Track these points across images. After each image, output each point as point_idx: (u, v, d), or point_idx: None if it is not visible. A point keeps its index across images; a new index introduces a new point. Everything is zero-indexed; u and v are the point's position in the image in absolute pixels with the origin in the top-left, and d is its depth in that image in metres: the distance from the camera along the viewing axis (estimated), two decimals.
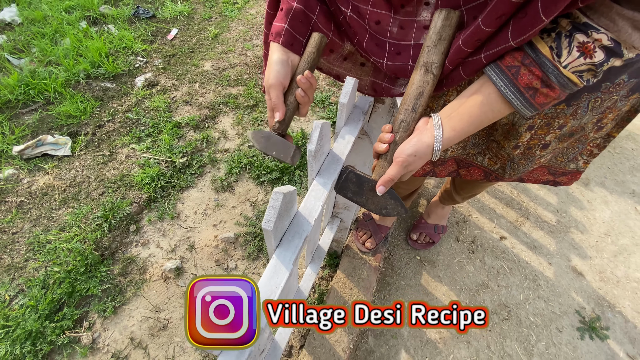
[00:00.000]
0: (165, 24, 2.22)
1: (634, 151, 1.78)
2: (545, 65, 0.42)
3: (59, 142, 1.50)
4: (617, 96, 0.56)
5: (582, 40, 0.40)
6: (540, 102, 0.45)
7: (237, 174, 1.49)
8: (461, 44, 0.47)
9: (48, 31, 2.03)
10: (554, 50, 0.42)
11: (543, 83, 0.44)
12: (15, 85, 1.67)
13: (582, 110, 0.58)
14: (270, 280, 0.44)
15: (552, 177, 0.81)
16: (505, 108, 0.47)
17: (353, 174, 0.56)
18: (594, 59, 0.41)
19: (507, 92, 0.45)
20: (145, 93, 1.77)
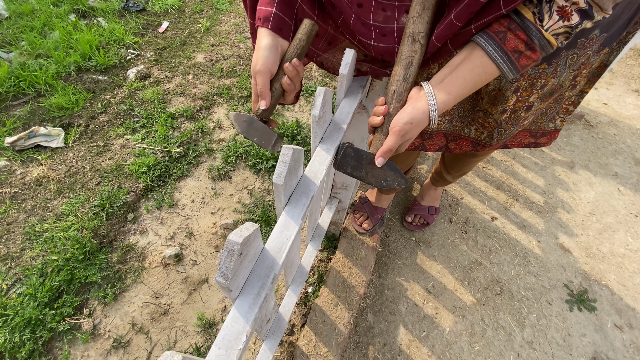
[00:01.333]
0: (155, 17, 2.21)
1: (615, 136, 1.85)
2: (529, 29, 0.46)
3: (52, 133, 1.48)
4: (591, 51, 0.60)
5: (561, 4, 0.44)
6: (523, 64, 0.48)
7: (233, 162, 1.50)
8: (454, 18, 0.49)
9: (36, 24, 2.00)
10: (537, 15, 0.45)
11: (527, 46, 0.47)
12: (4, 78, 1.64)
13: (561, 67, 0.62)
14: (281, 234, 0.46)
15: (534, 139, 0.84)
16: (496, 70, 0.49)
17: (351, 149, 0.56)
18: (571, 22, 0.44)
19: (495, 57, 0.48)
20: (138, 85, 1.76)
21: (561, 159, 1.68)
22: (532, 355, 1.07)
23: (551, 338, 1.11)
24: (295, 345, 0.97)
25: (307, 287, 1.15)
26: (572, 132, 1.84)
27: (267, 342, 0.76)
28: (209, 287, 1.17)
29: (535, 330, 1.12)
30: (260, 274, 0.41)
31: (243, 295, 0.39)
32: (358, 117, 0.73)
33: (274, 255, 0.43)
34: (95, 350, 1.03)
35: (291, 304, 0.80)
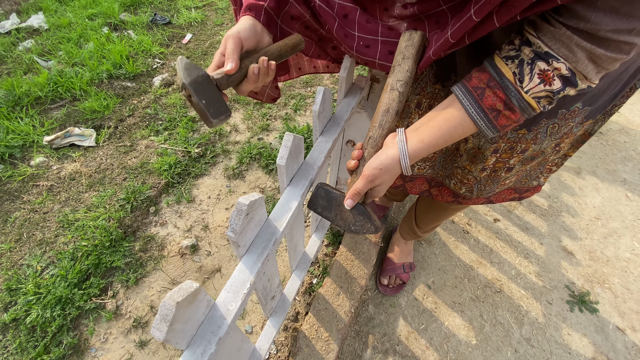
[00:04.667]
0: (180, 30, 2.38)
1: (626, 143, 1.85)
2: (508, 89, 0.44)
3: (85, 133, 1.63)
4: (573, 123, 0.60)
5: (543, 67, 0.42)
6: (502, 124, 0.47)
7: (247, 163, 1.60)
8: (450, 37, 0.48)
9: (73, 36, 2.20)
10: (517, 75, 0.44)
11: (505, 106, 0.45)
12: (44, 84, 1.82)
13: (542, 135, 0.61)
14: (282, 208, 0.54)
15: (518, 194, 0.84)
16: (472, 126, 0.48)
17: (322, 190, 0.56)
18: (552, 87, 0.43)
19: (472, 112, 0.47)
20: (162, 91, 1.91)
21: (568, 165, 1.69)
22: (530, 352, 1.10)
23: (550, 336, 1.13)
24: (299, 330, 1.04)
25: (312, 278, 1.22)
26: None
27: (272, 319, 0.83)
28: (222, 276, 1.25)
29: (534, 328, 1.14)
30: (264, 238, 0.49)
31: (249, 253, 0.47)
32: (357, 116, 0.81)
33: (276, 224, 0.51)
34: (117, 329, 1.12)
35: (295, 287, 0.87)
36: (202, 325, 0.40)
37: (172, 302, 0.32)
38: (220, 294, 0.44)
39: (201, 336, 0.39)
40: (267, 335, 0.81)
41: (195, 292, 0.35)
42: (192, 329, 0.38)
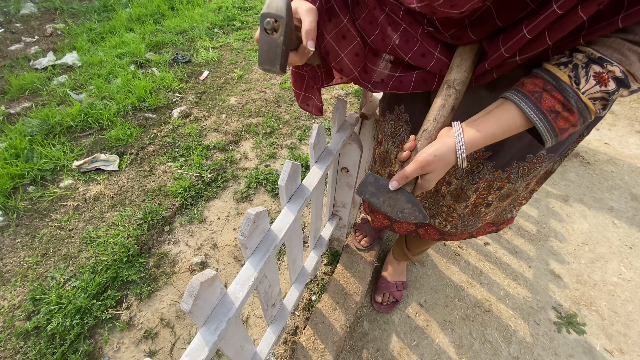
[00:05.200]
0: (198, 67, 2.63)
1: (613, 173, 1.95)
2: (565, 91, 0.45)
3: (110, 159, 1.80)
4: (541, 167, 0.68)
5: (597, 70, 0.44)
6: (561, 126, 0.47)
7: (254, 187, 1.74)
8: (504, 52, 0.49)
9: (103, 72, 2.46)
10: (573, 78, 0.45)
11: (564, 107, 0.45)
12: (76, 114, 2.03)
13: (514, 175, 0.68)
14: (282, 220, 0.66)
15: (495, 227, 0.93)
16: (526, 124, 0.49)
17: (372, 177, 0.57)
18: (608, 87, 0.44)
19: (531, 114, 0.46)
20: (180, 122, 2.10)
21: (556, 193, 1.79)
22: None
23: (537, 355, 1.18)
24: (297, 342, 1.11)
25: (311, 295, 1.31)
26: (568, 168, 1.96)
27: (272, 326, 0.92)
28: None
29: (521, 347, 1.19)
30: (266, 243, 0.61)
31: (254, 255, 0.59)
32: (349, 147, 0.95)
33: (277, 233, 0.63)
34: (129, 339, 1.21)
35: (294, 298, 0.97)
36: (215, 308, 0.51)
37: (197, 282, 0.44)
38: (230, 286, 0.55)
39: (214, 316, 0.50)
40: (267, 341, 0.90)
41: (214, 277, 0.47)
42: (209, 310, 0.49)
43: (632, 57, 0.42)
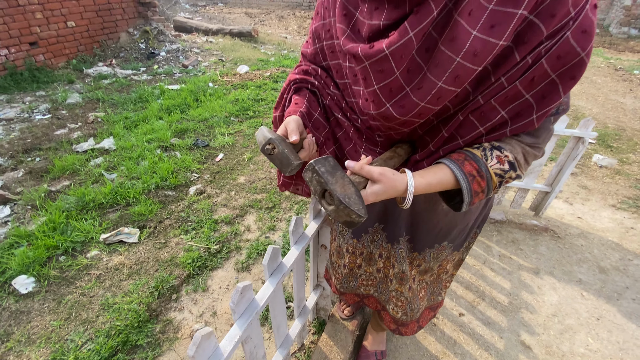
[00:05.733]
0: (214, 150, 3.07)
1: (583, 246, 2.12)
2: (479, 162, 0.61)
3: (131, 232, 2.09)
4: (446, 253, 0.92)
5: (497, 154, 0.62)
6: (475, 188, 0.62)
7: (254, 257, 1.97)
8: (431, 147, 0.69)
9: (133, 155, 2.90)
10: (483, 156, 0.62)
11: (478, 173, 0.61)
12: (107, 193, 2.38)
13: (428, 257, 0.92)
14: (264, 292, 0.89)
15: (433, 312, 1.12)
16: (454, 182, 0.63)
17: (331, 159, 0.61)
18: (504, 167, 0.62)
19: (458, 173, 0.62)
20: (195, 198, 2.43)
21: (527, 266, 1.95)
22: None
23: None
24: None
25: None
26: (540, 242, 2.14)
27: None
28: None
29: None
30: (250, 310, 0.83)
31: (240, 318, 0.81)
32: (326, 229, 1.21)
33: (259, 301, 0.86)
34: None
35: None
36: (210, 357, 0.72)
37: (199, 335, 0.66)
38: (221, 342, 0.76)
39: None
40: None
41: (210, 333, 0.69)
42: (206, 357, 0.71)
43: (518, 149, 0.63)
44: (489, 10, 0.50)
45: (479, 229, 0.94)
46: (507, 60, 0.55)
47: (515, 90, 0.57)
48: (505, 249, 2.09)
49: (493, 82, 0.57)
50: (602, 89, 5.10)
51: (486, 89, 0.58)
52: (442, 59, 0.54)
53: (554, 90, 0.56)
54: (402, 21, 0.55)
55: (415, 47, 0.55)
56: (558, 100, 0.56)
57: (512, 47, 0.54)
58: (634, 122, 4.07)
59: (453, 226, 0.87)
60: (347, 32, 0.64)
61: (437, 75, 0.55)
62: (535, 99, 0.57)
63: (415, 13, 0.53)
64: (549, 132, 0.65)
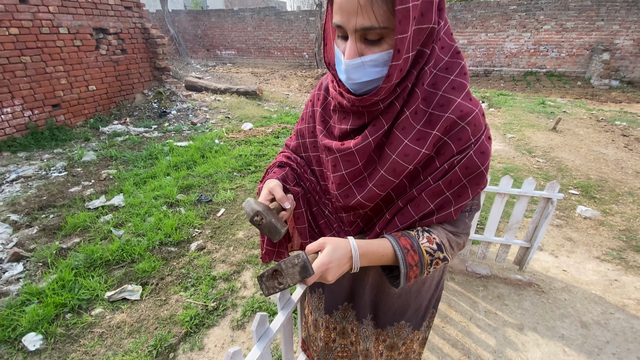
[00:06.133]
0: (217, 205, 3.27)
1: (565, 301, 2.20)
2: (413, 239, 0.73)
3: (134, 290, 2.21)
4: (407, 331, 0.98)
5: (427, 235, 0.74)
6: (409, 261, 0.71)
7: (249, 315, 2.06)
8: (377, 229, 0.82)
9: (141, 212, 3.10)
10: (416, 235, 0.75)
11: (412, 248, 0.72)
12: (114, 250, 2.54)
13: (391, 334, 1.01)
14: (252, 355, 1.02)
15: None
16: (393, 254, 0.73)
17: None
18: (433, 246, 0.73)
19: (395, 246, 0.73)
20: (195, 254, 2.58)
21: (512, 322, 2.03)
22: None
23: None
24: None
25: None
26: (524, 297, 2.23)
27: None
28: None
29: None
30: None
31: None
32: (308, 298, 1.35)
33: None
34: None
35: None
36: None
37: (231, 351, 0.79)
38: None
39: None
40: None
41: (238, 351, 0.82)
42: None
43: (443, 235, 0.76)
44: (416, 130, 0.72)
45: (434, 309, 1.07)
46: (431, 165, 0.76)
47: (439, 188, 0.76)
48: (491, 304, 2.17)
49: (422, 180, 0.77)
50: (584, 140, 5.39)
51: (418, 185, 0.78)
52: (385, 156, 0.76)
53: (465, 192, 0.76)
54: (362, 128, 0.77)
55: (372, 147, 0.76)
56: (469, 199, 0.76)
57: (433, 156, 0.75)
58: (615, 173, 4.27)
59: (407, 307, 1.00)
60: (324, 132, 0.87)
61: (382, 167, 0.76)
62: (453, 197, 0.77)
63: (372, 125, 0.74)
64: (467, 226, 0.82)
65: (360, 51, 0.64)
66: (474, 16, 11.16)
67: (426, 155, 0.73)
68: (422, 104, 0.72)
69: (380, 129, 0.74)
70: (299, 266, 0.67)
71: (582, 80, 10.54)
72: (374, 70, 0.66)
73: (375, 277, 0.95)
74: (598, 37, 10.21)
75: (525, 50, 11.00)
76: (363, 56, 0.64)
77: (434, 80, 0.73)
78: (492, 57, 11.46)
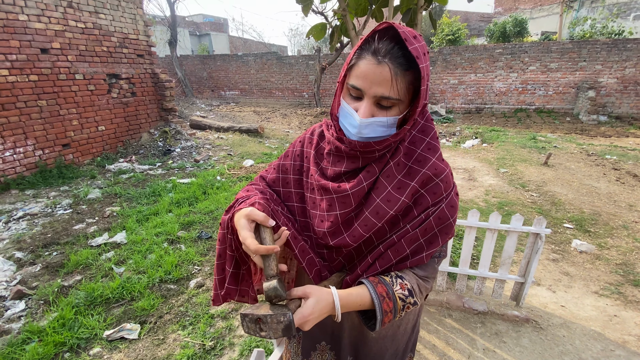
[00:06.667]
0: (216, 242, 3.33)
1: (564, 337, 2.19)
2: (388, 286, 0.78)
3: (133, 328, 2.22)
4: None
5: (400, 282, 0.79)
6: (385, 307, 0.75)
7: (246, 355, 2.05)
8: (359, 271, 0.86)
9: (142, 249, 3.15)
10: (391, 282, 0.79)
11: (387, 295, 0.76)
12: (115, 288, 2.57)
13: None
14: None
15: None
16: (370, 301, 0.76)
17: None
18: (405, 292, 0.78)
19: (372, 293, 0.77)
20: (194, 292, 2.60)
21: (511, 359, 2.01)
22: None
23: None
24: None
25: None
26: (522, 334, 2.22)
27: None
28: None
29: None
30: None
31: None
32: None
33: None
34: None
35: None
36: None
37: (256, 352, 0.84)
38: None
39: None
40: None
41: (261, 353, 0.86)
42: None
43: (414, 280, 0.82)
44: (397, 179, 0.84)
45: (412, 352, 1.10)
46: (409, 214, 0.86)
47: (415, 235, 0.86)
48: (489, 341, 2.16)
49: (402, 227, 0.86)
50: (576, 174, 5.54)
51: (398, 231, 0.87)
52: (371, 200, 0.86)
53: (436, 240, 0.85)
54: (354, 171, 0.88)
55: (365, 191, 0.86)
56: (439, 246, 0.85)
57: (412, 206, 0.85)
58: (608, 206, 4.36)
59: (385, 350, 1.02)
60: (318, 172, 0.96)
61: (367, 209, 0.86)
62: (425, 243, 0.85)
63: (366, 171, 0.85)
64: (435, 270, 0.91)
65: (372, 113, 0.76)
66: (462, 59, 11.87)
67: (405, 204, 0.84)
68: (403, 157, 0.85)
69: (373, 175, 0.85)
70: (283, 324, 0.67)
71: (570, 116, 10.97)
72: (381, 129, 0.79)
73: (354, 320, 0.99)
74: (582, 76, 10.78)
75: (514, 89, 11.56)
76: (374, 117, 0.77)
77: (413, 139, 0.86)
78: (483, 95, 12.01)
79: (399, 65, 0.71)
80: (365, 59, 0.74)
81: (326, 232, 0.90)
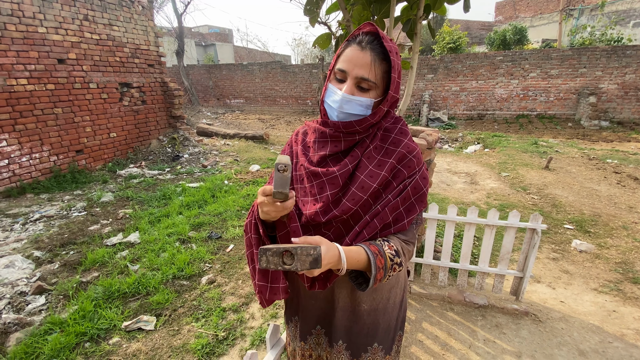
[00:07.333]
0: (226, 241, 3.46)
1: (563, 330, 2.27)
2: (379, 246, 0.89)
3: (149, 320, 2.34)
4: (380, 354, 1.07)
5: (387, 244, 0.90)
6: (378, 264, 0.85)
7: (257, 344, 2.16)
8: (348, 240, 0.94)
9: (155, 248, 3.29)
10: (381, 243, 0.91)
11: (379, 253, 0.87)
12: (131, 283, 2.70)
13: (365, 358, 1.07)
14: None
15: None
16: (367, 259, 0.86)
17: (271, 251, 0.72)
18: (392, 252, 0.89)
19: (367, 251, 0.87)
20: (206, 287, 2.72)
21: (510, 349, 2.10)
22: None
23: None
24: None
25: None
26: (522, 326, 2.31)
27: None
28: None
29: None
30: None
31: None
32: None
33: None
34: None
35: None
36: None
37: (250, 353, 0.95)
38: None
39: None
40: None
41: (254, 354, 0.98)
42: None
43: (398, 243, 0.93)
44: (377, 159, 0.98)
45: (401, 330, 1.17)
46: (390, 186, 0.99)
47: (396, 204, 0.99)
48: (489, 333, 2.25)
49: (384, 198, 0.99)
50: (577, 178, 5.62)
51: (381, 202, 1.00)
52: (356, 177, 0.99)
53: (414, 208, 0.99)
54: (337, 154, 1.01)
55: (350, 171, 1.00)
56: (416, 213, 0.99)
57: (391, 180, 0.99)
58: (609, 208, 4.43)
59: (377, 324, 1.10)
60: (307, 161, 1.08)
61: (354, 186, 0.99)
62: (405, 211, 0.99)
63: (350, 155, 0.99)
64: (414, 236, 1.03)
65: (353, 92, 0.91)
66: (464, 66, 12.06)
67: (386, 178, 0.97)
68: (380, 141, 1.01)
69: (356, 159, 0.99)
70: (313, 257, 0.71)
71: (572, 121, 11.06)
72: (359, 108, 0.94)
73: (345, 301, 1.08)
74: (583, 82, 10.90)
75: (515, 95, 11.70)
76: (354, 95, 0.92)
77: (387, 128, 1.03)
78: (485, 102, 12.15)
79: (378, 54, 0.88)
80: (352, 46, 0.90)
81: (318, 211, 0.99)
